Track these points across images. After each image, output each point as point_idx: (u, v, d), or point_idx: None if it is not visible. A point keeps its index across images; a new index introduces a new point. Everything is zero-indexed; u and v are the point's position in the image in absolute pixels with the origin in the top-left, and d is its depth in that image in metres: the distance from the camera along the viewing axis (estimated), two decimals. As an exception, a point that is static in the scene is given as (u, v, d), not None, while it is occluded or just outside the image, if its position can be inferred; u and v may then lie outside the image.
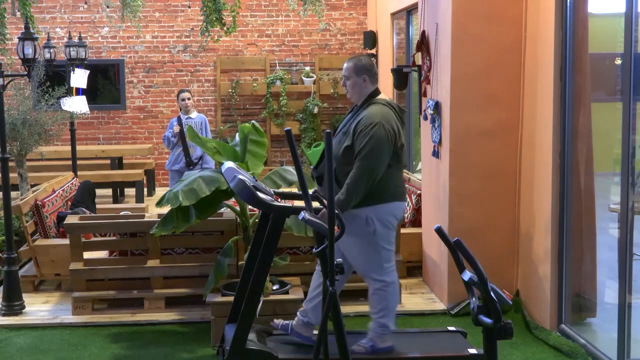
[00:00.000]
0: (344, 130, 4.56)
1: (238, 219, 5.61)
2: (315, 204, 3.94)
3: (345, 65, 4.69)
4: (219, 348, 4.63)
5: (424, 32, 6.51)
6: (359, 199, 4.39)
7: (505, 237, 5.92)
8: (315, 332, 4.60)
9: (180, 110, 8.34)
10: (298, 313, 4.76)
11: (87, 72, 8.52)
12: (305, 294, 5.57)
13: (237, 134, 5.57)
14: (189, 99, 8.22)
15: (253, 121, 5.71)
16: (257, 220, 5.00)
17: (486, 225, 5.88)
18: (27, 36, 6.08)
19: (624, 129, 4.47)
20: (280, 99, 11.78)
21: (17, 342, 5.38)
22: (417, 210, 7.01)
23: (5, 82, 5.95)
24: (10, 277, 5.89)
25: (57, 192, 7.32)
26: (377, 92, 4.65)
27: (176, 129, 8.11)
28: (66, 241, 6.11)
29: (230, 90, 11.86)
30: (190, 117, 8.25)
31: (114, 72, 12.10)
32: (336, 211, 3.46)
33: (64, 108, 8.33)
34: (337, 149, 4.51)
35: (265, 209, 3.96)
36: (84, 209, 7.21)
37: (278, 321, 4.81)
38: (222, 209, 5.77)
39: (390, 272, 4.63)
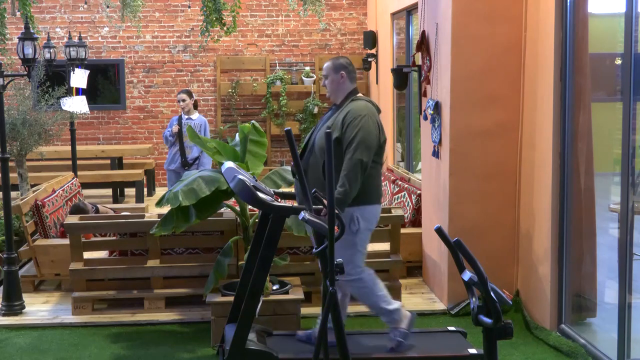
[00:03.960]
0: (328, 125, 4.56)
1: (238, 219, 5.61)
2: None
3: (324, 66, 4.79)
4: (219, 348, 4.63)
5: (424, 32, 6.51)
6: (357, 190, 4.40)
7: (505, 237, 5.92)
8: None
9: (182, 110, 8.35)
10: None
11: (87, 72, 8.51)
12: (306, 294, 5.58)
13: (237, 134, 5.57)
14: (184, 100, 8.19)
15: (253, 121, 5.72)
16: (257, 220, 5.00)
17: (486, 225, 5.88)
18: (27, 36, 6.08)
19: (624, 129, 4.47)
20: (280, 99, 11.77)
21: (17, 342, 5.38)
22: (417, 210, 7.00)
23: (5, 82, 5.95)
24: (10, 277, 5.89)
25: (57, 192, 7.32)
26: (356, 91, 4.72)
27: (175, 128, 8.11)
28: (66, 241, 6.11)
29: (230, 90, 11.86)
30: (190, 118, 8.24)
31: (114, 72, 12.10)
32: (336, 211, 3.47)
33: (64, 108, 8.32)
34: (320, 144, 4.54)
35: (266, 209, 3.96)
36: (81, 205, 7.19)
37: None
38: (222, 209, 5.77)
39: (362, 269, 4.62)
